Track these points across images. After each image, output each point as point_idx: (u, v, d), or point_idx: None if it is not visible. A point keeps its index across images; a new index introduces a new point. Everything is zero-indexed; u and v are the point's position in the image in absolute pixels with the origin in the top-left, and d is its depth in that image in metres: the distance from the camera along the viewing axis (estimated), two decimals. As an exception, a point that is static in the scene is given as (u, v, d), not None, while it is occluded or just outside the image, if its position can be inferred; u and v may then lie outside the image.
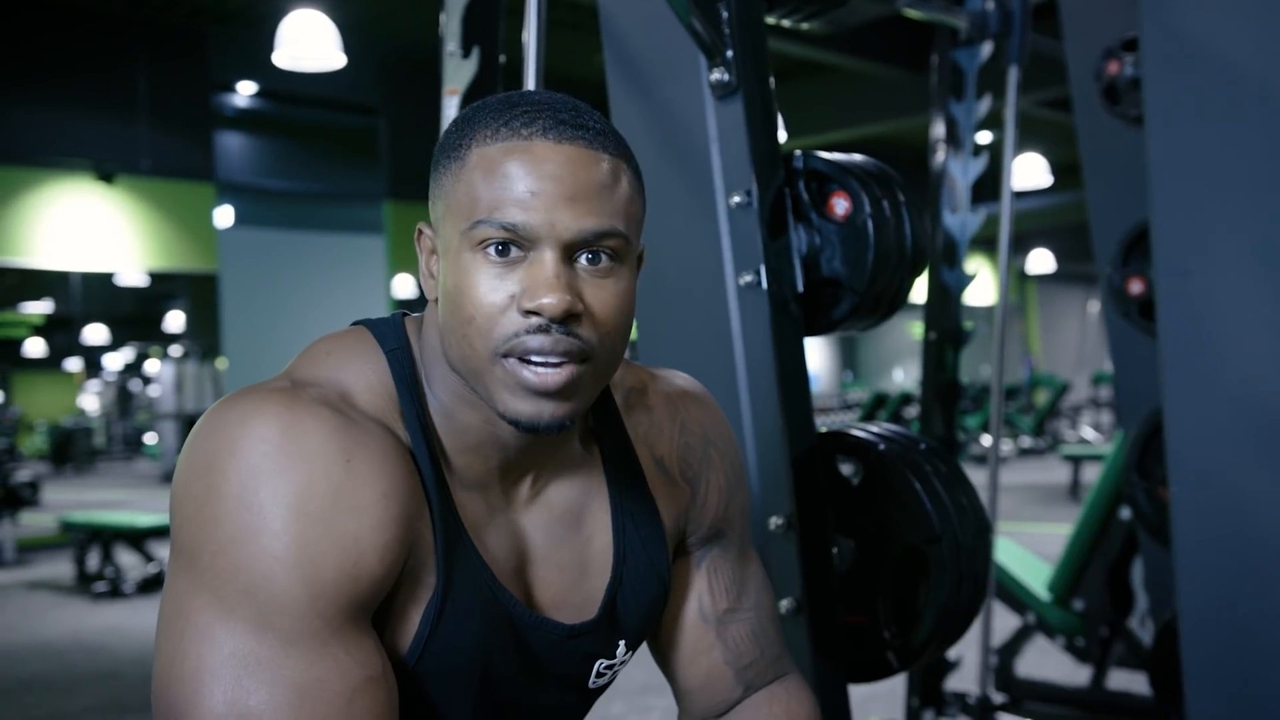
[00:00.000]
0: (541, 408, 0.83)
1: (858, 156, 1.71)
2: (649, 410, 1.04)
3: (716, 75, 1.63)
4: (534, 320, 0.81)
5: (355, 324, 0.94)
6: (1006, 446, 13.49)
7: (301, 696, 0.77)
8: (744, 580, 1.09)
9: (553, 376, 0.82)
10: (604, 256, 0.84)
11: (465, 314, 0.83)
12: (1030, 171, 9.88)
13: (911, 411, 12.21)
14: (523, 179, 0.81)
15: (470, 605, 0.88)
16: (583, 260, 0.83)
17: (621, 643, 0.99)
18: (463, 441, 0.90)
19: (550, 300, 0.80)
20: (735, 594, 1.08)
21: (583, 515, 0.97)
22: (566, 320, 0.82)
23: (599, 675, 0.99)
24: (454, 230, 0.84)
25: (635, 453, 1.01)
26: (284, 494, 0.78)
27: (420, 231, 0.90)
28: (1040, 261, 17.99)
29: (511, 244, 0.82)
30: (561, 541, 0.96)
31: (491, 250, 0.82)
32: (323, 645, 0.79)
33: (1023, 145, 10.51)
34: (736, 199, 1.63)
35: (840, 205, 1.65)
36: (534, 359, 0.82)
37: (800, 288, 1.66)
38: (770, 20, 1.84)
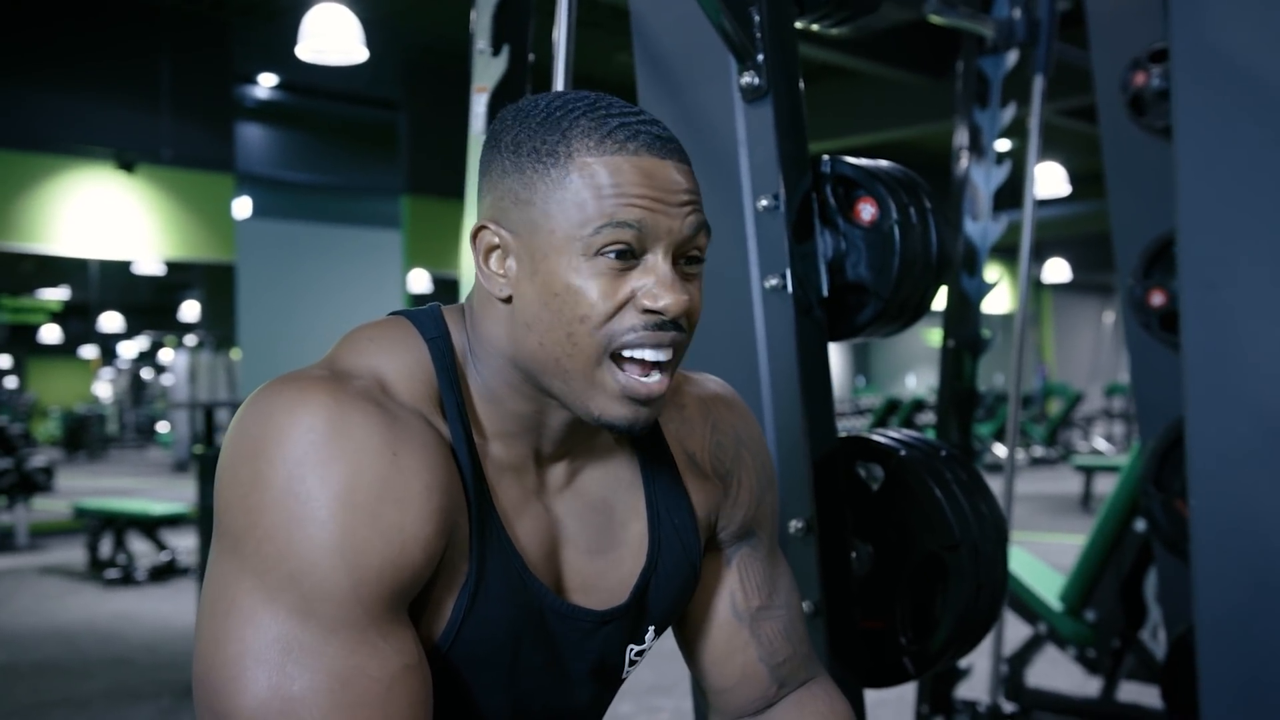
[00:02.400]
0: (639, 413, 0.89)
1: (885, 163, 1.71)
2: (681, 409, 1.06)
3: (746, 78, 1.63)
4: (651, 318, 0.87)
5: (393, 314, 0.96)
6: (1019, 455, 13.45)
7: (343, 684, 0.79)
8: (774, 579, 1.11)
9: (657, 386, 0.88)
10: (697, 260, 0.90)
11: (576, 313, 0.86)
12: (1049, 180, 9.84)
13: (924, 418, 12.19)
14: (640, 190, 0.86)
15: (501, 592, 0.89)
16: (683, 264, 0.89)
17: (651, 628, 1.01)
18: (504, 428, 0.93)
19: (672, 299, 0.86)
20: (767, 592, 1.09)
21: (616, 503, 1.00)
22: (681, 317, 0.88)
23: (630, 663, 1.01)
24: (559, 234, 0.87)
25: (668, 446, 1.03)
26: (331, 484, 0.80)
27: (484, 228, 0.91)
28: (1056, 271, 17.93)
29: (629, 250, 0.86)
30: (594, 528, 0.98)
31: (613, 255, 0.86)
32: (362, 634, 0.80)
33: (1043, 154, 10.48)
34: (764, 202, 1.63)
35: (867, 211, 1.66)
36: (647, 358, 0.88)
37: (825, 292, 1.66)
38: (800, 25, 1.84)
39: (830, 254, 1.67)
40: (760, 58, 1.62)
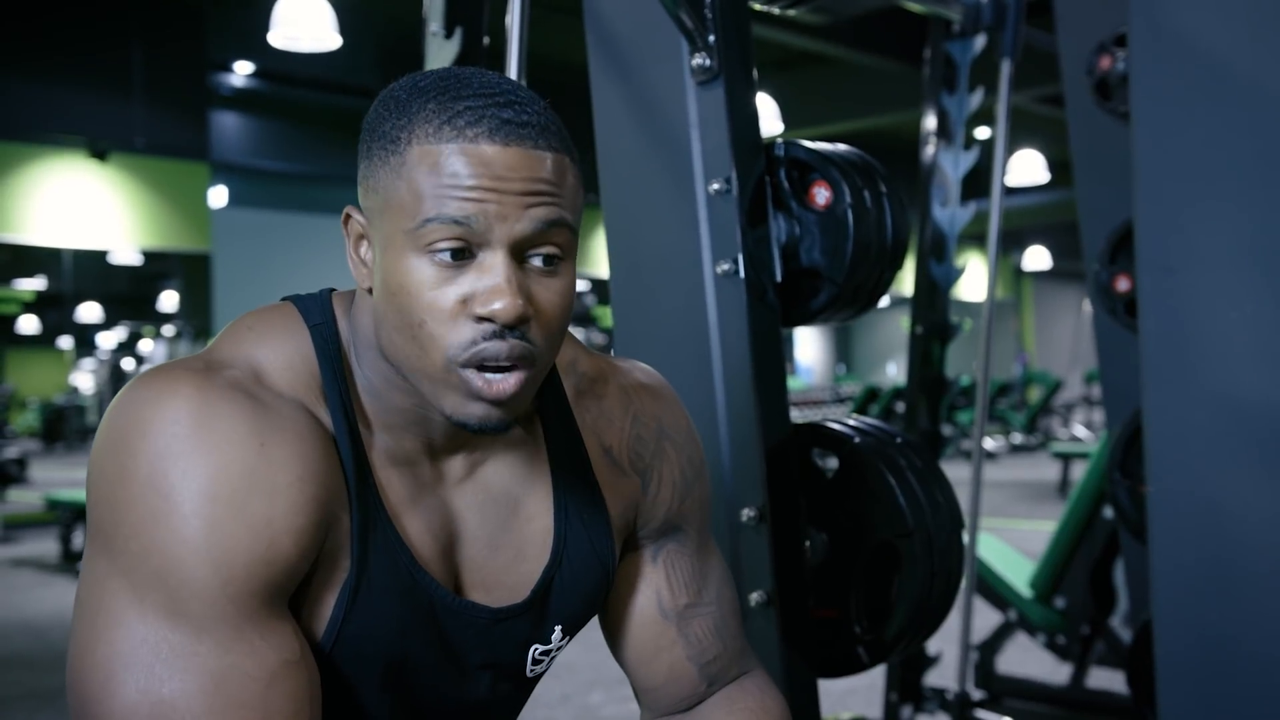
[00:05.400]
0: (490, 412, 0.83)
1: (840, 146, 1.69)
2: (600, 399, 1.02)
3: (698, 60, 1.61)
4: (487, 326, 0.80)
5: (284, 299, 0.92)
6: (999, 442, 13.50)
7: (216, 683, 0.76)
8: (704, 574, 1.07)
9: (503, 385, 0.82)
10: (553, 258, 0.83)
11: (414, 317, 0.81)
12: (1028, 168, 9.85)
13: (904, 406, 12.20)
14: (471, 181, 0.79)
15: (387, 589, 0.86)
16: (535, 261, 0.82)
17: (558, 628, 0.97)
18: (390, 420, 0.89)
19: (503, 305, 0.79)
20: (696, 588, 1.06)
21: (522, 496, 0.95)
22: (517, 324, 0.81)
23: (535, 662, 0.97)
24: (394, 227, 0.81)
25: (581, 439, 0.99)
26: (195, 477, 0.77)
27: (349, 216, 0.87)
28: (1036, 258, 17.97)
29: (461, 248, 0.80)
30: (496, 522, 0.94)
31: (444, 254, 0.80)
32: (236, 631, 0.77)
33: (1021, 141, 10.48)
34: (716, 186, 1.61)
35: (821, 195, 1.64)
36: (487, 364, 0.81)
37: (779, 277, 1.64)
38: (757, 7, 1.82)
39: (784, 238, 1.65)
40: (712, 40, 1.60)
